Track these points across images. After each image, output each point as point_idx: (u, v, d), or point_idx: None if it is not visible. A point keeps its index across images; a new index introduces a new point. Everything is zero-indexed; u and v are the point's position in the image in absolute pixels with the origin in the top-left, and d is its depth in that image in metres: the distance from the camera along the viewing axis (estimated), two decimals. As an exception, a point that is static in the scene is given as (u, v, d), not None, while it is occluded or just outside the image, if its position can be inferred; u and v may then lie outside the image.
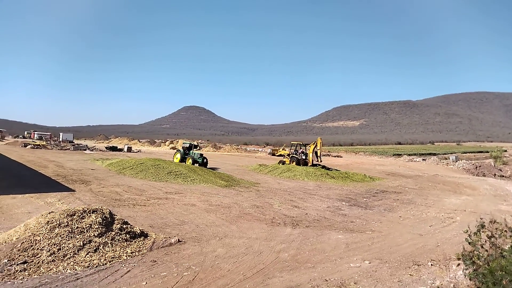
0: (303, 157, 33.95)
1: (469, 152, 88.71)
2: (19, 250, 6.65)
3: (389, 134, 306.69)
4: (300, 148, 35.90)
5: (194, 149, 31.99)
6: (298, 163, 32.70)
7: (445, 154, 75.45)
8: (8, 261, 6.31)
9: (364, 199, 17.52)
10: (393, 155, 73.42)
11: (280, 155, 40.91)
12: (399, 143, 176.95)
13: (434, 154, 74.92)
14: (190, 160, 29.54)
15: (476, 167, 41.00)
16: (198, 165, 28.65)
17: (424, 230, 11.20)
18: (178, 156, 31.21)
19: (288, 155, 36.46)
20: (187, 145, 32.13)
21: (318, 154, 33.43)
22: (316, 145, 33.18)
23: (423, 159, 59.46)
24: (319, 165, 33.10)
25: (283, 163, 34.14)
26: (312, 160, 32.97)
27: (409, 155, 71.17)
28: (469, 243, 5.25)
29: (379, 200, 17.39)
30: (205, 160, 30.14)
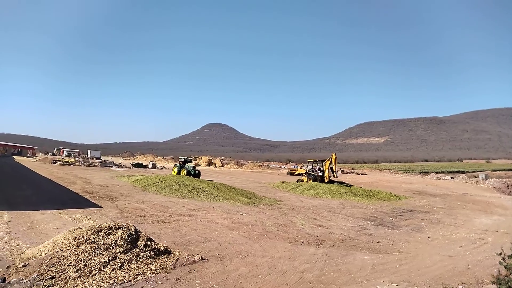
0: (320, 174, 33.97)
1: (499, 170, 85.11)
2: (47, 265, 6.81)
3: (415, 151, 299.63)
4: (317, 165, 35.99)
5: (188, 163, 37.05)
6: (315, 180, 32.81)
7: (474, 172, 72.72)
8: (37, 276, 6.47)
9: (391, 218, 17.07)
10: (420, 172, 71.58)
11: (299, 174, 41.23)
12: (426, 161, 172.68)
13: (463, 172, 72.45)
14: (185, 171, 34.46)
15: (507, 186, 39.29)
16: (191, 175, 32.92)
17: (454, 252, 10.76)
18: (176, 169, 36.30)
19: (306, 173, 36.52)
20: (182, 160, 37.82)
21: (334, 170, 33.54)
22: (331, 161, 33.34)
23: (451, 177, 57.63)
24: (335, 181, 33.08)
25: (301, 181, 34.14)
26: (329, 176, 33.01)
27: (436, 173, 69.18)
28: (505, 266, 5.01)
29: (406, 219, 16.90)
30: (197, 171, 35.00)
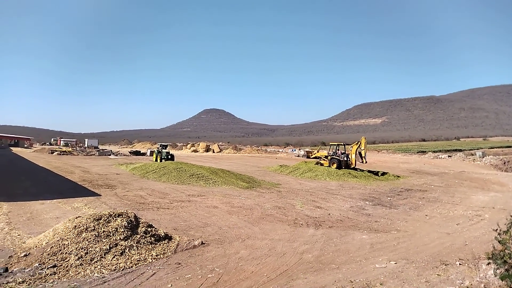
0: (345, 159, 30.76)
1: (496, 147, 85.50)
2: (48, 254, 6.87)
3: (413, 131, 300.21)
4: (339, 149, 32.66)
5: (163, 149, 40.75)
6: (339, 166, 29.62)
7: (471, 150, 73.04)
8: (39, 265, 6.53)
9: (388, 198, 17.20)
10: (418, 152, 71.83)
11: (316, 157, 37.82)
12: (423, 140, 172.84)
13: (460, 150, 72.72)
14: (159, 156, 38.94)
15: (504, 163, 39.72)
16: (165, 159, 37.13)
17: (452, 229, 10.89)
18: (154, 155, 40.92)
19: (326, 157, 32.95)
20: (159, 146, 41.75)
21: (363, 155, 30.15)
22: (359, 145, 30.18)
23: (448, 156, 57.96)
24: (359, 169, 30.21)
25: (321, 165, 31.08)
26: (356, 162, 30.19)
27: (434, 152, 69.45)
28: (499, 241, 5.06)
29: (404, 199, 17.04)
30: (169, 156, 38.99)
